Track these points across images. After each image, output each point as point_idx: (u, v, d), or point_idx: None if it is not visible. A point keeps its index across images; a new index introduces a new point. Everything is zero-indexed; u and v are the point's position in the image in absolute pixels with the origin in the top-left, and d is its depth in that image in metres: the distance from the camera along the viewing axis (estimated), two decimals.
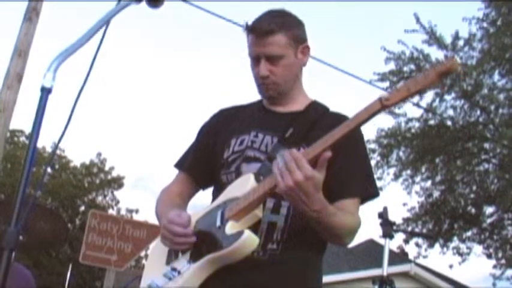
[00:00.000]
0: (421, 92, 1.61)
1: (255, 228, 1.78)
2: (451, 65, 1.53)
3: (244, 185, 1.82)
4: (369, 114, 1.61)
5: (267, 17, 2.00)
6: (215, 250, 1.76)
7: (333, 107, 2.09)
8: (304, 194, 1.61)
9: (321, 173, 1.61)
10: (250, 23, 1.99)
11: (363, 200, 1.95)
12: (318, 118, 1.99)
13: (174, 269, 1.84)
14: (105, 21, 1.61)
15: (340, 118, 1.98)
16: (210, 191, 2.12)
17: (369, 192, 1.98)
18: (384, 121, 15.15)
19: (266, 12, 2.02)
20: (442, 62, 1.57)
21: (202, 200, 2.23)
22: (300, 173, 1.59)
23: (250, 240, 1.72)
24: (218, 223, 1.80)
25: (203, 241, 1.81)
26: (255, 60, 1.99)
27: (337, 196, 1.86)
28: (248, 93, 2.19)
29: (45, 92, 1.46)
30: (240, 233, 1.72)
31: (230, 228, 1.76)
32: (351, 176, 1.90)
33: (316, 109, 2.05)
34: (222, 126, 2.11)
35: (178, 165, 2.19)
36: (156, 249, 2.03)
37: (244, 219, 1.78)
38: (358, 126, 1.66)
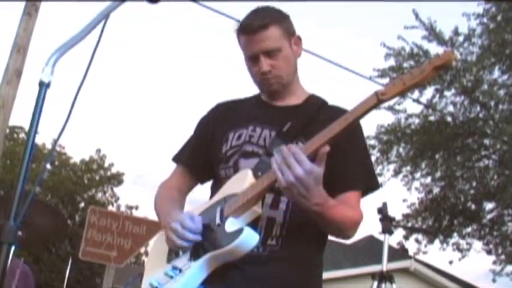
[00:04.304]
0: (417, 86, 1.62)
1: (254, 224, 1.79)
2: (447, 59, 1.54)
3: (242, 181, 1.82)
4: (366, 108, 1.63)
5: (255, 14, 1.99)
6: (215, 248, 1.76)
7: (332, 103, 2.08)
8: (305, 189, 1.61)
9: (320, 167, 1.62)
10: (239, 24, 1.99)
11: (364, 193, 1.96)
12: (316, 112, 1.99)
13: (175, 267, 1.84)
14: (104, 16, 1.60)
15: (338, 111, 1.98)
16: (208, 185, 2.12)
17: (370, 184, 1.99)
18: (383, 117, 15.16)
19: (252, 11, 2.02)
20: (438, 56, 1.58)
21: (200, 194, 2.23)
22: (299, 167, 1.59)
23: (250, 238, 1.72)
24: (218, 220, 1.80)
25: (204, 239, 1.81)
26: (253, 59, 1.97)
27: (339, 189, 1.87)
28: (248, 92, 2.19)
29: (44, 86, 1.45)
30: (239, 231, 1.72)
31: (230, 225, 1.76)
32: (352, 169, 1.91)
33: (315, 103, 2.05)
34: (220, 120, 2.10)
35: (176, 159, 2.19)
36: (157, 247, 2.03)
37: (244, 216, 1.78)
38: (356, 121, 1.67)
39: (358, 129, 1.98)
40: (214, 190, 2.01)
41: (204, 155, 2.09)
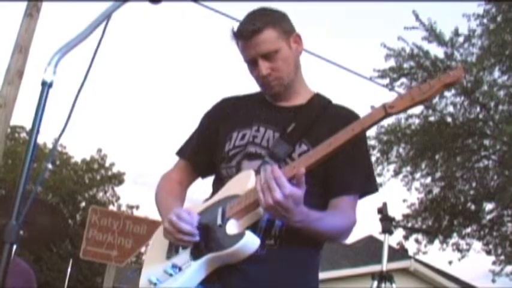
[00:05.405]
0: (425, 102, 1.64)
1: (253, 225, 1.80)
2: (457, 77, 1.57)
3: (245, 182, 1.83)
4: (373, 120, 1.67)
5: (249, 18, 1.99)
6: (216, 250, 1.77)
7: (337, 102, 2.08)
8: (284, 210, 1.66)
9: (300, 189, 1.66)
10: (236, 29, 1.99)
11: (361, 196, 1.97)
12: (320, 112, 1.99)
13: (174, 265, 1.84)
14: (106, 16, 1.61)
15: (343, 111, 2.01)
16: (208, 182, 2.13)
17: (367, 189, 2.00)
18: None
19: (246, 15, 2.01)
20: (448, 73, 1.59)
21: (198, 194, 2.23)
22: (279, 192, 1.64)
23: (251, 242, 1.73)
24: (219, 221, 1.81)
25: (204, 238, 1.82)
26: (252, 63, 1.97)
27: (334, 193, 1.90)
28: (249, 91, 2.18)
29: (46, 86, 1.46)
30: (241, 235, 1.74)
31: (231, 227, 1.77)
32: (349, 172, 1.92)
33: (319, 103, 2.04)
34: (224, 117, 2.10)
35: (180, 153, 2.20)
36: (157, 241, 2.03)
37: (246, 218, 1.79)
38: (362, 132, 1.71)
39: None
40: (215, 188, 2.02)
41: (206, 151, 2.10)
